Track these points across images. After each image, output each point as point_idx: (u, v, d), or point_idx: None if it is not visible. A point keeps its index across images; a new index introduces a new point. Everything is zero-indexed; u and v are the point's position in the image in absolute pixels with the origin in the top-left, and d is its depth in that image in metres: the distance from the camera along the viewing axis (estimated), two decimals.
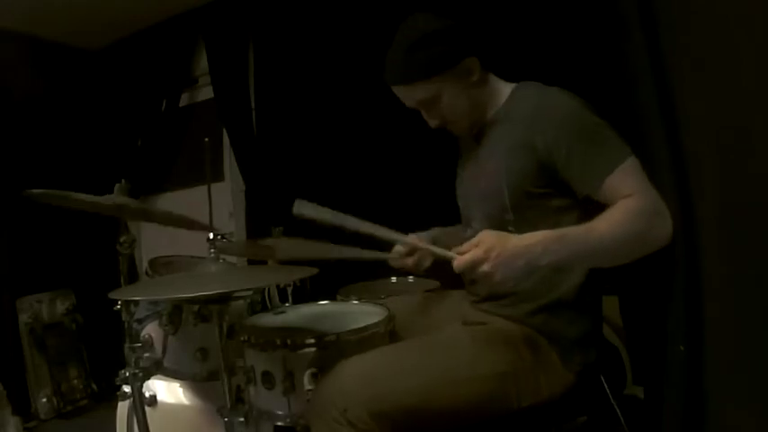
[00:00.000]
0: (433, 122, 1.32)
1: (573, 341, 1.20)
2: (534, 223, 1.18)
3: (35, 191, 1.39)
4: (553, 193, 1.19)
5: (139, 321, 1.68)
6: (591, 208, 1.13)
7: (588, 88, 1.22)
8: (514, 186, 1.20)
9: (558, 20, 1.99)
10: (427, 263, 1.40)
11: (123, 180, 1.44)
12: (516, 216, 1.21)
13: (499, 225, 1.23)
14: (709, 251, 0.99)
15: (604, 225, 1.05)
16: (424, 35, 1.21)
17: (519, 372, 1.16)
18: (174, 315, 1.63)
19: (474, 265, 0.99)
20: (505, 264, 0.99)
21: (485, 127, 1.33)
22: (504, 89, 1.31)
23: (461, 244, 1.06)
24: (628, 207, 1.06)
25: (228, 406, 1.33)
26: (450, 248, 1.08)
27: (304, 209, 1.08)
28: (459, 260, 1.01)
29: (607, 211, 1.07)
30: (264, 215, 2.93)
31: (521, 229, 1.19)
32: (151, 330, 1.69)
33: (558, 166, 1.14)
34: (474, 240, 1.02)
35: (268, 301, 1.92)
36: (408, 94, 1.27)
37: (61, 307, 3.23)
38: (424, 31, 1.21)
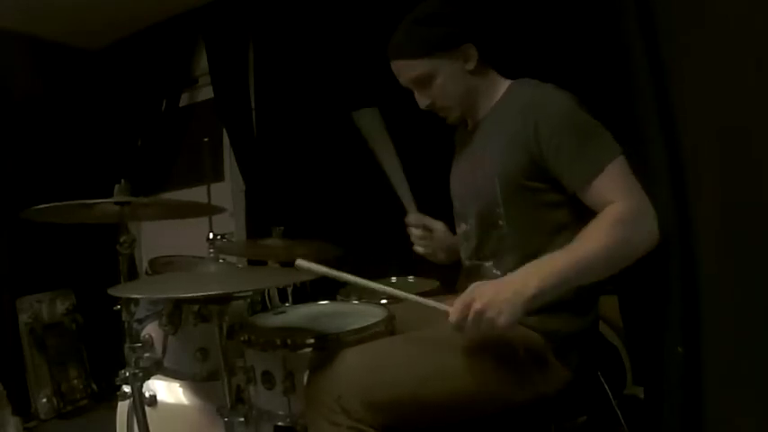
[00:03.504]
0: (422, 103, 1.33)
1: (569, 338, 1.20)
2: (525, 218, 1.19)
3: (34, 208, 1.38)
4: (545, 188, 1.19)
5: (139, 321, 1.68)
6: (582, 205, 1.14)
7: (586, 88, 1.22)
8: (507, 180, 1.21)
9: (557, 18, 1.99)
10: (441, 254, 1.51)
11: (123, 180, 1.44)
12: (507, 210, 1.22)
13: (490, 219, 1.25)
14: (708, 251, 0.99)
15: (587, 245, 1.05)
16: (427, 15, 1.27)
17: (513, 366, 1.16)
18: (174, 315, 1.63)
19: (465, 308, 1.00)
20: (493, 298, 0.99)
21: (480, 121, 1.35)
22: (501, 85, 1.33)
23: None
24: (610, 218, 1.06)
25: (228, 406, 1.34)
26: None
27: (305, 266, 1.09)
28: (453, 310, 1.01)
29: (589, 226, 1.07)
30: (264, 215, 2.93)
31: (511, 223, 1.21)
32: (151, 330, 1.69)
33: (549, 163, 1.15)
34: (462, 293, 1.03)
35: (268, 301, 1.92)
36: (405, 70, 1.29)
37: (61, 307, 3.23)
38: (428, 12, 1.27)
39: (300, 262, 1.08)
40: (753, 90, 0.82)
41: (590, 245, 1.05)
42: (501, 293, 1.00)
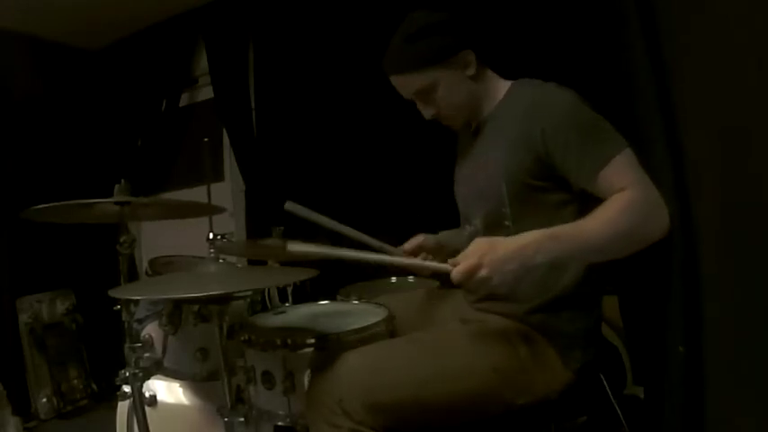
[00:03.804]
0: (427, 114, 1.33)
1: (571, 338, 1.20)
2: (531, 218, 1.18)
3: (34, 208, 1.38)
4: (551, 187, 1.19)
5: (139, 321, 1.68)
6: (589, 202, 1.13)
7: (588, 87, 1.22)
8: (512, 181, 1.20)
9: (558, 18, 1.99)
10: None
11: (123, 180, 1.44)
12: (514, 210, 1.22)
13: (497, 220, 1.25)
14: (709, 251, 0.99)
15: (595, 222, 1.06)
16: (421, 27, 1.25)
17: (515, 368, 1.16)
18: (174, 315, 1.63)
19: (470, 272, 1.01)
20: (500, 267, 1.01)
21: (482, 123, 1.34)
22: (502, 86, 1.32)
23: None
24: (620, 202, 1.06)
25: (228, 406, 1.34)
26: (455, 254, 1.08)
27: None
28: (456, 271, 1.02)
29: (600, 206, 1.07)
30: (264, 215, 2.93)
31: (518, 223, 1.20)
32: (151, 330, 1.69)
33: (556, 161, 1.15)
34: (467, 250, 1.04)
35: (268, 301, 1.92)
36: (405, 85, 1.29)
37: (61, 307, 3.23)
38: (421, 24, 1.25)
39: (292, 245, 1.07)
40: (753, 90, 0.82)
41: (601, 227, 1.05)
42: (508, 263, 1.01)
